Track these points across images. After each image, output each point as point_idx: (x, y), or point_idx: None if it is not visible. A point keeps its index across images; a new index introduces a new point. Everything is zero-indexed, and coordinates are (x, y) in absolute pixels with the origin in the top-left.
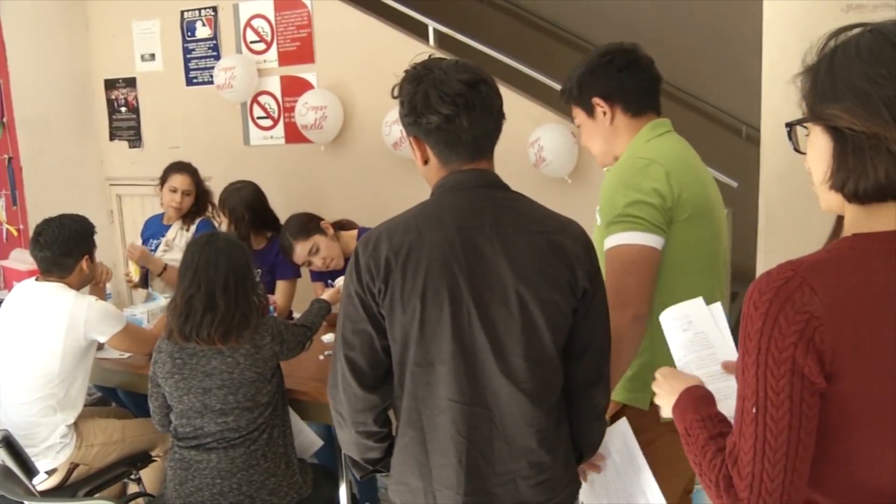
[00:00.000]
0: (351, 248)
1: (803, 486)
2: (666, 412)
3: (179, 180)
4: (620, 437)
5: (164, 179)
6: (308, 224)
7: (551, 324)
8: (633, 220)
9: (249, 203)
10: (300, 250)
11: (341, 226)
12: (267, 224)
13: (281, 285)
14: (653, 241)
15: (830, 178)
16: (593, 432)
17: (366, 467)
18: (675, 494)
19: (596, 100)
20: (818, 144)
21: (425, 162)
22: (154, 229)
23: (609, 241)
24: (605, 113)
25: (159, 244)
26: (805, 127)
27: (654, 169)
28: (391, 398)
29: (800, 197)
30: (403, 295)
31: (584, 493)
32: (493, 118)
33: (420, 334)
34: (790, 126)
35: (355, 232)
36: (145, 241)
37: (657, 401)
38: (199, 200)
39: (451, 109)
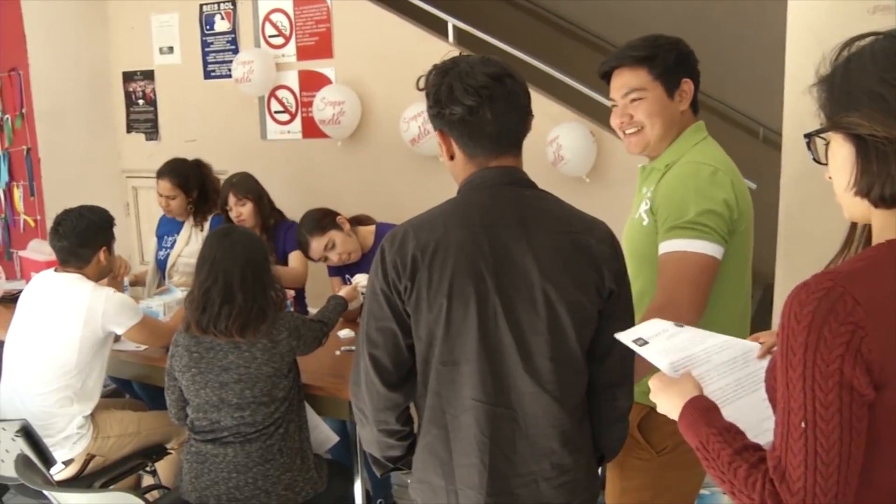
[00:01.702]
0: (368, 244)
1: (853, 497)
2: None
3: (161, 185)
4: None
5: (158, 178)
6: (323, 219)
7: (577, 325)
8: (703, 228)
9: (258, 185)
10: (316, 246)
11: (359, 221)
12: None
13: (294, 255)
14: (717, 251)
15: (855, 185)
16: (615, 434)
17: (386, 465)
18: (692, 495)
19: (688, 83)
20: (840, 153)
21: (451, 157)
22: (168, 227)
23: (670, 245)
24: (683, 98)
25: (174, 241)
26: (823, 138)
27: (721, 178)
28: (414, 397)
29: (820, 200)
30: (430, 293)
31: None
32: (517, 113)
33: (446, 333)
34: (809, 137)
35: (373, 227)
36: (159, 238)
37: (660, 410)
38: (202, 197)
39: (474, 101)
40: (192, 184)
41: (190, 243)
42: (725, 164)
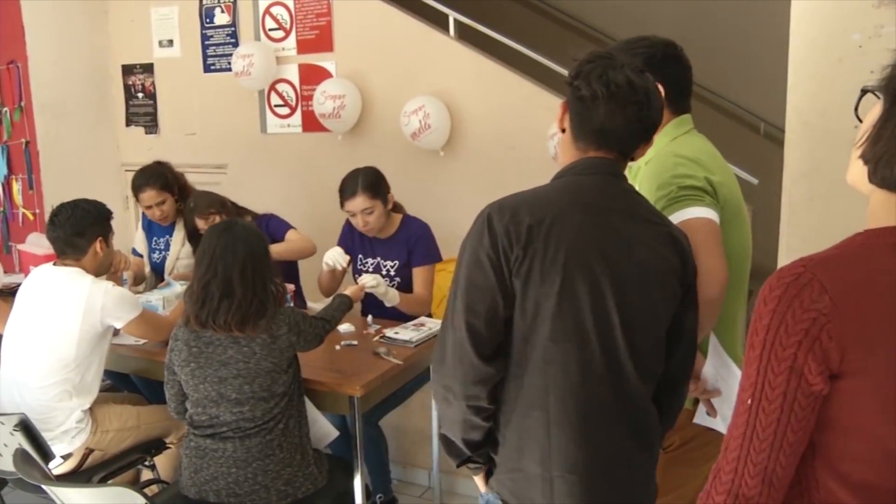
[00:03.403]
0: (391, 230)
1: (786, 479)
2: (698, 419)
3: (146, 196)
4: (717, 355)
5: (135, 195)
6: (381, 185)
7: (668, 314)
8: (694, 196)
9: (215, 196)
10: (360, 202)
11: (394, 206)
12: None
13: (292, 232)
14: (716, 217)
15: (862, 145)
16: (666, 426)
17: (463, 452)
18: (699, 492)
19: (658, 84)
20: (874, 110)
21: (563, 130)
22: (158, 227)
23: (674, 220)
24: None
25: (167, 242)
26: (877, 96)
27: (698, 165)
28: (505, 373)
29: (823, 195)
30: (544, 266)
31: (703, 418)
32: (629, 124)
33: (557, 309)
34: (864, 92)
35: (400, 216)
36: (148, 235)
37: None
38: (182, 194)
39: (601, 89)
40: (172, 182)
41: (185, 244)
42: (706, 154)
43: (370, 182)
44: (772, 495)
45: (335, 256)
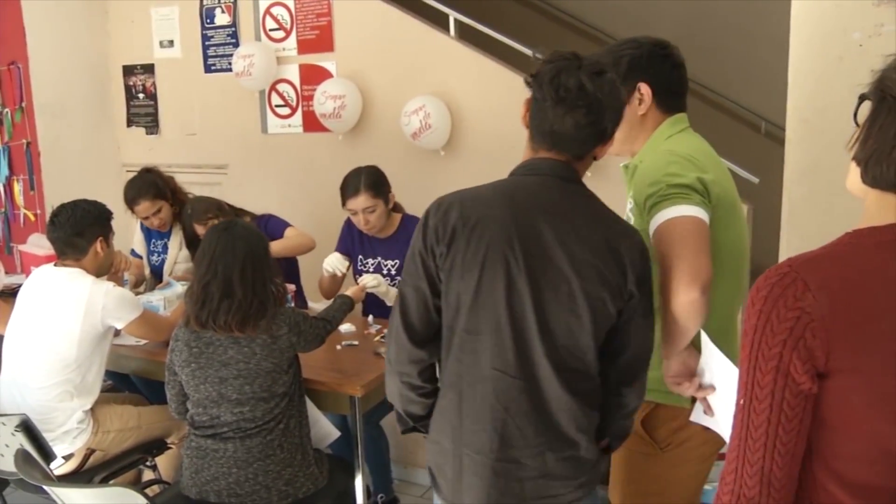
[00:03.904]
0: (391, 230)
1: (786, 479)
2: (695, 417)
3: (141, 208)
4: (708, 351)
5: (130, 208)
6: (383, 185)
7: (594, 319)
8: (683, 194)
9: (213, 200)
10: (362, 201)
11: (394, 206)
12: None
13: (290, 230)
14: (704, 215)
15: (854, 146)
16: (620, 428)
17: (407, 421)
18: (699, 489)
19: (643, 86)
20: (867, 112)
21: (527, 125)
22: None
23: (659, 218)
24: (641, 101)
25: (165, 245)
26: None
27: (691, 163)
28: (438, 356)
29: (823, 194)
30: (464, 262)
31: (699, 417)
32: (577, 129)
33: (474, 302)
34: (862, 99)
35: (400, 216)
36: (147, 237)
37: None
38: (175, 198)
39: (550, 93)
40: (164, 189)
41: (183, 248)
42: (700, 152)
43: (372, 181)
44: (773, 496)
45: (334, 263)
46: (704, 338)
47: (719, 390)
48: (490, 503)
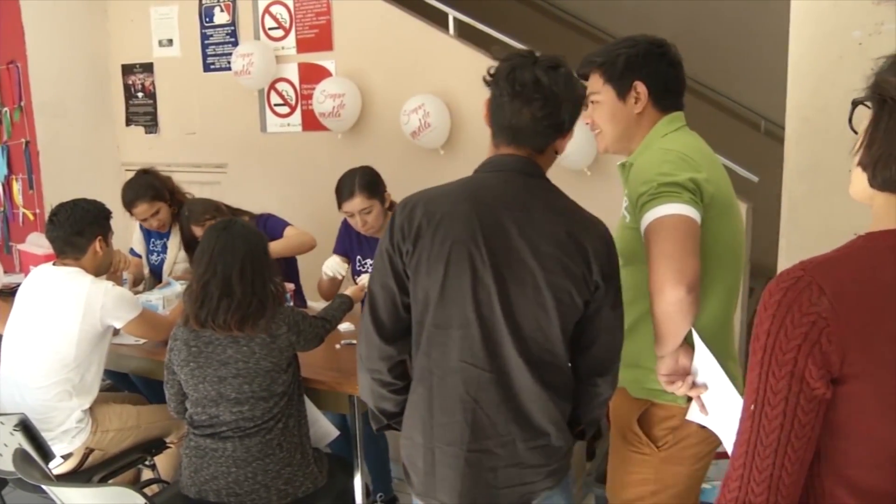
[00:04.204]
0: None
1: (794, 486)
2: (691, 415)
3: (140, 210)
4: (699, 351)
5: (128, 211)
6: (377, 185)
7: (561, 310)
8: (673, 192)
9: (210, 202)
10: (358, 202)
11: (391, 205)
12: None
13: (289, 229)
14: (695, 214)
15: (858, 152)
16: (593, 416)
17: (380, 418)
18: (697, 488)
19: (638, 84)
20: (865, 119)
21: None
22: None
23: (650, 216)
24: (637, 100)
25: (164, 245)
26: (867, 106)
27: (683, 161)
28: (408, 353)
29: (823, 192)
30: (430, 259)
31: (695, 415)
32: (534, 122)
33: (440, 297)
34: (855, 104)
35: None
36: (146, 237)
37: None
38: (173, 198)
39: (506, 88)
40: (162, 190)
41: (182, 249)
42: (695, 151)
43: (367, 182)
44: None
45: (334, 266)
46: (696, 337)
47: (710, 390)
48: (464, 493)
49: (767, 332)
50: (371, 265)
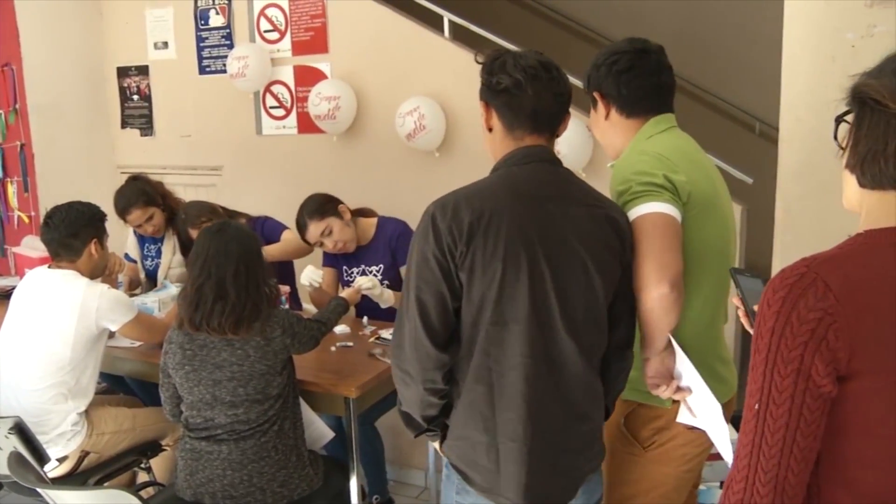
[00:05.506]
0: (368, 236)
1: (800, 487)
2: (681, 417)
3: (133, 217)
4: (679, 356)
5: (122, 218)
6: (325, 205)
7: (606, 289)
8: (651, 191)
9: (206, 205)
10: (313, 230)
11: (362, 213)
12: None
13: (287, 233)
14: (674, 212)
15: (846, 153)
16: (617, 388)
17: (421, 425)
18: (685, 490)
19: (596, 94)
20: (850, 124)
21: (490, 129)
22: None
23: (631, 215)
24: (602, 109)
25: (158, 249)
26: (847, 121)
27: (660, 162)
28: (457, 357)
29: (817, 193)
30: (485, 258)
31: (685, 417)
32: (555, 98)
33: (499, 295)
34: (839, 120)
35: (375, 220)
36: (140, 242)
37: None
38: (166, 204)
39: (521, 76)
40: (154, 195)
41: (177, 253)
42: (675, 151)
43: (313, 207)
44: None
45: (310, 276)
46: (673, 342)
47: (695, 391)
48: (529, 487)
49: (772, 329)
50: (357, 274)
